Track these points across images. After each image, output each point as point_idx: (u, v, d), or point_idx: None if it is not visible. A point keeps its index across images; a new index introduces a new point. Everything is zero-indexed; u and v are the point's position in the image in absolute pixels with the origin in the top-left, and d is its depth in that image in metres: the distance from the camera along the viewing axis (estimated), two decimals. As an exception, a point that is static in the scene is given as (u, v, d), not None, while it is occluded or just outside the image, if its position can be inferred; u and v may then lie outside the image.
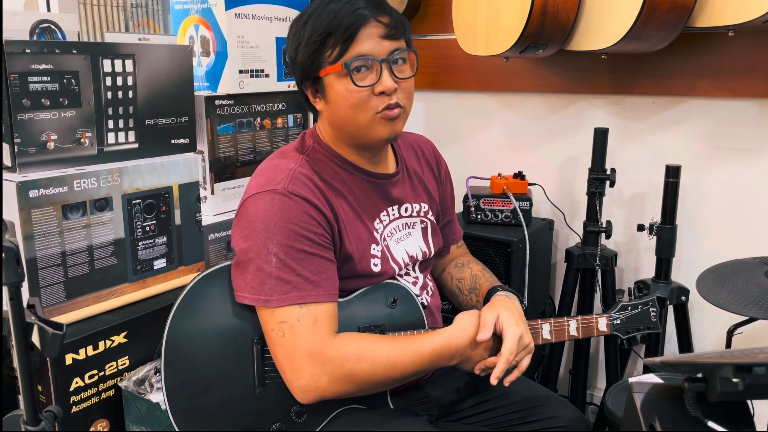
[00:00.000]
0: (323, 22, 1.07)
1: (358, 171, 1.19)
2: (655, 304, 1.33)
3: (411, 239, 1.27)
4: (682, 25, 1.58)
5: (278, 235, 1.05)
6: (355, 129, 1.12)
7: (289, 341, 1.04)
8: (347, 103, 1.09)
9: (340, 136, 1.16)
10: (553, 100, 2.11)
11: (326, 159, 1.17)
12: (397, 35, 1.10)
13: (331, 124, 1.16)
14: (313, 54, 1.09)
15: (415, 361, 1.08)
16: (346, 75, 1.07)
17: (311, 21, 1.09)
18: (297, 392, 1.06)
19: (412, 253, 1.26)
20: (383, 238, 1.21)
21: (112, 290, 1.37)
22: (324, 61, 1.09)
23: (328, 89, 1.11)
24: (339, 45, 1.07)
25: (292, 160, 1.13)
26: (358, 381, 1.05)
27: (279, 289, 1.05)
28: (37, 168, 1.25)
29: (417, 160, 1.33)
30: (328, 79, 1.10)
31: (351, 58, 1.07)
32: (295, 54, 1.13)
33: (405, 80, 1.11)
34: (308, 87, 1.15)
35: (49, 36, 1.40)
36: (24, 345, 0.80)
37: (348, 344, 1.07)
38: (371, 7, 1.08)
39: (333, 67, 1.08)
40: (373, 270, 1.18)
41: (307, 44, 1.09)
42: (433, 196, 1.34)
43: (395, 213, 1.25)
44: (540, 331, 1.24)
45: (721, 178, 1.87)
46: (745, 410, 0.82)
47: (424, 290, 1.29)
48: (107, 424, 1.33)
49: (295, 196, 1.07)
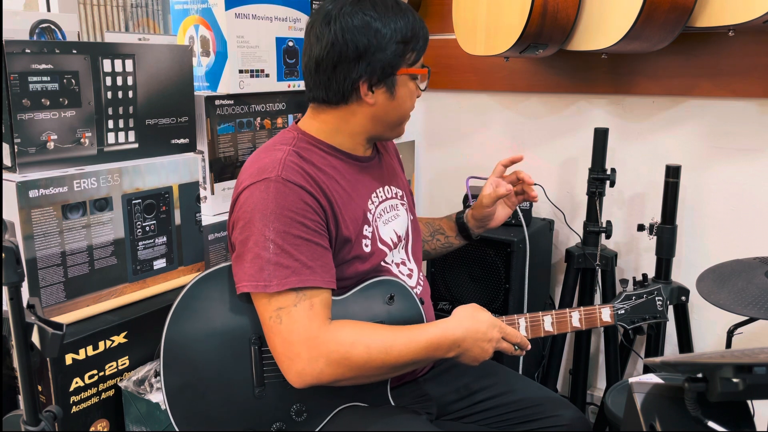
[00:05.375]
0: (407, 27, 1.16)
1: (344, 155, 1.21)
2: (661, 293, 1.31)
3: (399, 219, 1.30)
4: (682, 25, 1.58)
5: (275, 222, 1.06)
6: (396, 125, 1.23)
7: (286, 327, 1.05)
8: (411, 102, 1.22)
9: (368, 129, 1.21)
10: (553, 100, 2.11)
11: (312, 147, 1.18)
12: None
13: (374, 118, 1.20)
14: (398, 52, 1.16)
15: (410, 348, 1.09)
16: (415, 78, 1.20)
17: (390, 22, 1.15)
18: (293, 377, 1.06)
19: (399, 233, 1.29)
20: (374, 218, 1.23)
21: (112, 290, 1.37)
22: (404, 62, 1.17)
23: (399, 87, 1.18)
24: (417, 51, 1.19)
25: (279, 151, 1.14)
26: (354, 365, 1.06)
27: (278, 274, 1.06)
28: (37, 168, 1.25)
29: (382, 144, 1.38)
30: (403, 78, 1.18)
31: (425, 65, 1.23)
32: (374, 48, 1.14)
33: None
34: (367, 80, 1.15)
35: (49, 36, 1.40)
36: (24, 345, 0.80)
37: (344, 329, 1.08)
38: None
39: (414, 69, 1.20)
40: (365, 250, 1.19)
41: (391, 42, 1.15)
42: (403, 176, 1.41)
43: (383, 194, 1.28)
44: (542, 323, 1.24)
45: (721, 178, 1.87)
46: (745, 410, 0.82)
47: (418, 283, 1.30)
48: (107, 424, 1.33)
49: (290, 183, 1.08)
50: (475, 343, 1.14)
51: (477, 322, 1.15)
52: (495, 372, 1.34)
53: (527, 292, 1.87)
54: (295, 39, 1.81)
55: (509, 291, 1.90)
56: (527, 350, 1.21)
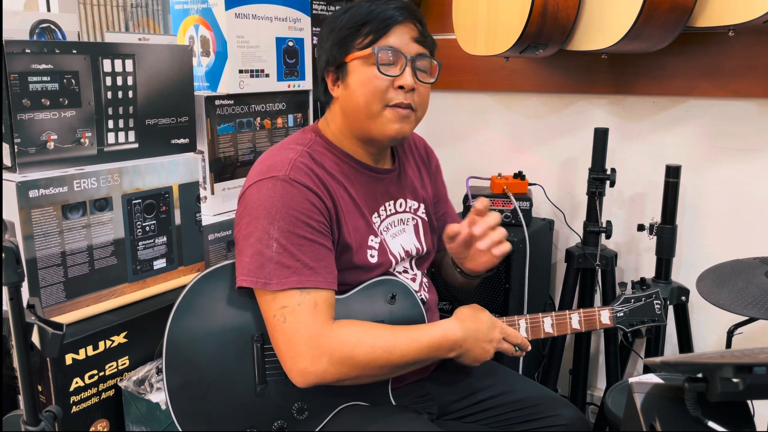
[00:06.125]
0: (362, 12, 1.13)
1: (357, 164, 1.20)
2: (659, 297, 1.32)
3: (405, 235, 1.29)
4: (682, 25, 1.58)
5: (280, 220, 1.07)
6: (365, 118, 1.14)
7: (290, 326, 1.05)
8: (366, 88, 1.12)
9: (348, 127, 1.18)
10: (553, 100, 2.11)
11: (326, 152, 1.18)
12: (425, 43, 1.16)
13: (343, 112, 1.17)
14: (345, 39, 1.14)
15: (413, 348, 1.09)
16: (373, 63, 1.11)
17: (351, 11, 1.14)
18: (296, 376, 1.06)
19: (407, 248, 1.28)
20: (380, 231, 1.22)
21: (112, 290, 1.37)
22: (354, 47, 1.13)
23: (350, 74, 1.14)
24: (372, 34, 1.12)
25: (292, 151, 1.14)
26: (357, 363, 1.06)
27: (278, 273, 1.06)
28: (37, 168, 1.25)
29: (412, 155, 1.36)
30: (353, 65, 1.13)
31: (381, 47, 1.12)
32: (327, 39, 1.16)
33: (423, 84, 1.16)
34: (330, 73, 1.18)
35: (49, 36, 1.40)
36: (24, 345, 0.80)
37: (347, 328, 1.09)
38: (409, 11, 1.15)
39: (362, 53, 1.12)
40: (370, 261, 1.19)
41: (341, 29, 1.14)
42: (427, 192, 1.36)
43: (392, 208, 1.27)
44: (542, 325, 1.24)
45: (722, 178, 1.87)
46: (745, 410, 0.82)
47: (421, 287, 1.29)
48: (107, 424, 1.33)
49: (296, 183, 1.09)
50: (476, 343, 1.14)
51: (478, 322, 1.15)
52: (495, 372, 1.34)
53: (527, 292, 1.87)
54: (295, 39, 1.81)
55: (509, 291, 1.90)
56: (527, 351, 1.21)
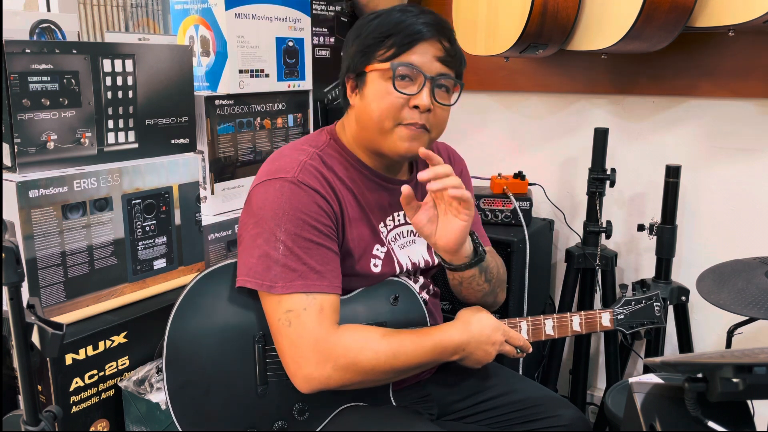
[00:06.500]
0: (390, 22, 1.10)
1: (369, 172, 1.19)
2: (659, 299, 1.32)
3: (414, 247, 1.27)
4: (682, 25, 1.58)
5: (287, 223, 1.06)
6: (375, 133, 1.12)
7: (295, 331, 1.05)
8: (381, 103, 1.10)
9: (362, 136, 1.16)
10: (553, 100, 2.11)
11: (338, 156, 1.17)
12: (451, 64, 1.12)
13: (357, 122, 1.16)
14: (368, 48, 1.11)
15: (417, 353, 1.09)
16: (390, 78, 1.08)
17: (380, 18, 1.12)
18: (300, 382, 1.06)
19: (414, 260, 1.26)
20: (388, 241, 1.21)
21: (112, 290, 1.36)
22: (375, 58, 1.11)
23: (368, 85, 1.12)
24: (395, 47, 1.09)
25: (303, 153, 1.14)
26: (362, 369, 1.06)
27: (284, 277, 1.05)
28: (37, 168, 1.25)
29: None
30: (372, 76, 1.11)
31: (401, 63, 1.08)
32: (352, 44, 1.15)
33: (441, 106, 1.13)
34: (350, 79, 1.16)
35: (49, 36, 1.40)
36: (24, 345, 0.80)
37: (352, 334, 1.08)
38: (438, 28, 1.10)
39: (381, 65, 1.10)
40: (373, 270, 1.18)
41: (366, 37, 1.12)
42: None
43: (401, 219, 1.25)
44: (543, 327, 1.24)
45: (721, 178, 1.87)
46: (745, 410, 0.82)
47: (424, 289, 1.29)
48: (107, 424, 1.33)
49: (304, 186, 1.08)
50: (479, 346, 1.14)
51: (481, 325, 1.15)
52: (496, 372, 1.34)
53: (527, 293, 1.87)
54: (295, 39, 1.81)
55: (509, 291, 1.90)
56: (528, 353, 1.21)
